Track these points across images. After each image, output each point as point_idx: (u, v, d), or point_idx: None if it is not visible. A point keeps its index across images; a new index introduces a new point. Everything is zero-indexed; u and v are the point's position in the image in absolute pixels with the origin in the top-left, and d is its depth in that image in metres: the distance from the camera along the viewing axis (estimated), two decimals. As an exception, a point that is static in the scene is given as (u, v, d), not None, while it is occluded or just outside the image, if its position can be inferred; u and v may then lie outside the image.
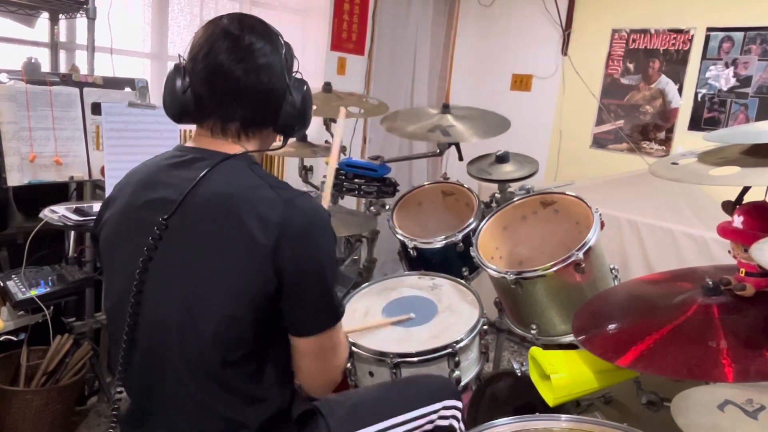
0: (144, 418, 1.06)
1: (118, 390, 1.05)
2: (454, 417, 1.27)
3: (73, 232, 2.18)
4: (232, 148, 1.08)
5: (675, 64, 3.31)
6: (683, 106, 3.29)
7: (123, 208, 1.08)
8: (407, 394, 1.25)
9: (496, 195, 2.08)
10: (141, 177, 1.10)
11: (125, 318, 1.01)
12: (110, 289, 1.10)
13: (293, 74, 1.12)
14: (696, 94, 3.24)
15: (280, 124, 1.11)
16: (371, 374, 1.54)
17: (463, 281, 1.79)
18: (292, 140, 2.34)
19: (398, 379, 1.46)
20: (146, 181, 1.08)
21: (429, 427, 1.24)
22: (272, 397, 1.05)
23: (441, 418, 1.26)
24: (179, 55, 1.09)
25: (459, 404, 1.27)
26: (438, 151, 2.18)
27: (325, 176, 1.62)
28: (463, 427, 1.29)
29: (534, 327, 1.65)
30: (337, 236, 1.40)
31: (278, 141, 1.21)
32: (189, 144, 1.11)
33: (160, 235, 1.00)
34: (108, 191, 2.02)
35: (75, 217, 1.93)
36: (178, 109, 1.08)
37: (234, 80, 1.03)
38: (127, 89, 2.36)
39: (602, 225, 1.64)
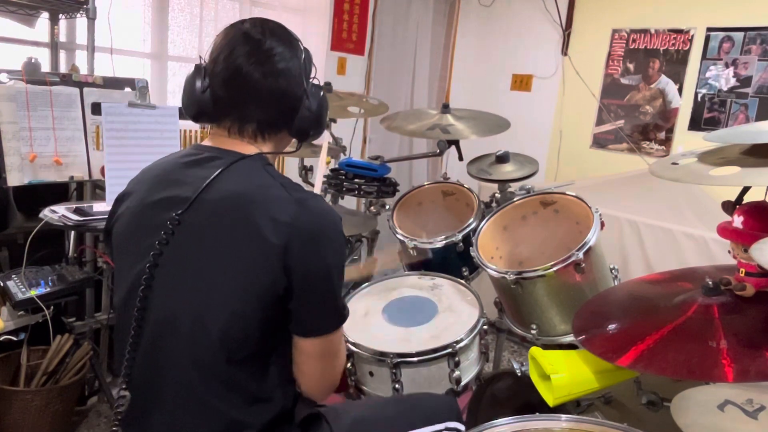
0: (146, 415, 1.06)
1: (123, 387, 1.05)
2: None
3: (73, 232, 2.18)
4: (248, 148, 1.09)
5: (675, 64, 3.32)
6: (683, 106, 3.30)
7: (137, 204, 1.09)
8: (411, 413, 1.25)
9: (496, 195, 2.08)
10: (156, 173, 1.11)
11: (133, 313, 1.02)
12: (120, 283, 1.10)
13: (311, 80, 1.14)
14: (696, 94, 3.24)
15: (295, 127, 1.13)
16: (371, 374, 1.53)
17: (463, 281, 1.79)
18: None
19: (402, 396, 1.47)
20: (161, 178, 1.09)
21: None
22: (275, 398, 1.05)
23: None
24: (200, 57, 1.12)
25: (462, 427, 1.27)
26: (438, 151, 2.18)
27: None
28: None
29: (534, 327, 1.65)
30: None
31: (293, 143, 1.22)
32: (205, 143, 1.12)
33: (172, 230, 1.01)
34: (108, 191, 2.02)
35: (75, 217, 1.93)
36: (196, 108, 1.10)
37: (252, 83, 1.05)
38: (127, 89, 2.36)
39: (602, 225, 1.64)
